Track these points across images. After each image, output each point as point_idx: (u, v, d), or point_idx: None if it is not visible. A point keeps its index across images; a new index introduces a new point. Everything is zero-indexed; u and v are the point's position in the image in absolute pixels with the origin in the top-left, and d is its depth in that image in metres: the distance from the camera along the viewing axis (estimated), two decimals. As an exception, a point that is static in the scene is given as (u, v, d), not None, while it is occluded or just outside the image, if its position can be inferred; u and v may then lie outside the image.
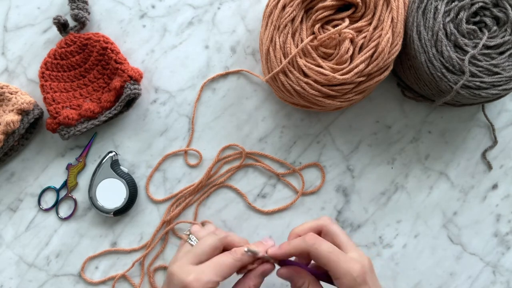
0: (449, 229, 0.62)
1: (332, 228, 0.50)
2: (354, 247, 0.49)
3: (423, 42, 0.53)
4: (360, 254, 0.48)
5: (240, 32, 0.64)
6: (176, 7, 0.64)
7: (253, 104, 0.63)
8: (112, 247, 0.62)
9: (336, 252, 0.47)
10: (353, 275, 0.45)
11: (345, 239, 0.49)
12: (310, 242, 0.47)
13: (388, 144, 0.63)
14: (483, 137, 0.63)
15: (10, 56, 0.64)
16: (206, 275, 0.46)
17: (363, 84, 0.55)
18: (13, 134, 0.60)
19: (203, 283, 0.46)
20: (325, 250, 0.47)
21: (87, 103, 0.61)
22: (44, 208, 0.63)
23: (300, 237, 0.49)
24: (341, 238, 0.49)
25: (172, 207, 0.62)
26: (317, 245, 0.47)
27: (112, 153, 0.62)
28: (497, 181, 0.63)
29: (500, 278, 0.62)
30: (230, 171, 0.63)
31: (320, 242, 0.47)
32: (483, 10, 0.55)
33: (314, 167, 0.63)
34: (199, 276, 0.46)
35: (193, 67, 0.64)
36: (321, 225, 0.51)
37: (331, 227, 0.50)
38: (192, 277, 0.46)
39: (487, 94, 0.53)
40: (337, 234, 0.50)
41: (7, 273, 0.62)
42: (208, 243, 0.50)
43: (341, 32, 0.54)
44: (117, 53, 0.61)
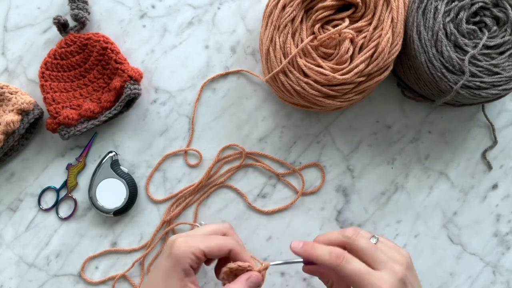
0: (449, 229, 0.62)
1: (358, 245, 0.47)
2: (385, 261, 0.45)
3: (423, 42, 0.53)
4: (391, 271, 0.44)
5: (240, 32, 0.64)
6: (176, 7, 0.64)
7: (253, 104, 0.63)
8: (112, 247, 0.62)
9: (362, 274, 0.44)
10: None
11: (372, 256, 0.46)
12: (335, 261, 0.45)
13: (388, 144, 0.63)
14: (483, 137, 0.63)
15: (10, 56, 0.64)
16: (194, 241, 0.48)
17: (363, 84, 0.55)
18: (13, 134, 0.60)
19: (188, 246, 0.47)
20: (350, 271, 0.44)
21: (87, 103, 0.61)
22: (44, 208, 0.63)
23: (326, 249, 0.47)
24: (367, 256, 0.46)
25: (172, 207, 0.62)
26: (342, 266, 0.45)
27: (112, 153, 0.62)
28: (497, 181, 0.63)
29: (500, 278, 0.62)
30: (230, 171, 0.63)
31: (345, 262, 0.45)
32: (483, 10, 0.55)
33: (314, 167, 0.63)
34: (187, 239, 0.48)
35: (193, 67, 0.64)
36: (346, 241, 0.48)
37: (357, 244, 0.47)
38: (181, 238, 0.48)
39: (487, 94, 0.53)
40: (363, 251, 0.46)
41: (7, 273, 0.62)
42: (211, 225, 0.53)
43: (341, 32, 0.54)
44: (117, 53, 0.61)
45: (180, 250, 0.47)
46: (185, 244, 0.47)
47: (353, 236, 0.48)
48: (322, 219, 0.62)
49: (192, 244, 0.48)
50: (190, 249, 0.47)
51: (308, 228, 0.62)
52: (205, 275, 0.62)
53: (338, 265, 0.45)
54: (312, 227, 0.62)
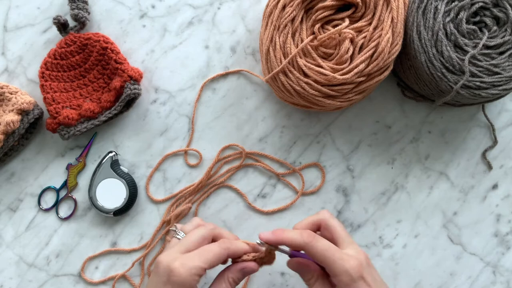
0: (449, 229, 0.62)
1: (330, 223, 0.50)
2: (351, 243, 0.49)
3: (423, 42, 0.53)
4: (356, 250, 0.48)
5: (240, 32, 0.64)
6: (176, 7, 0.64)
7: (253, 104, 0.63)
8: (112, 247, 0.62)
9: (331, 250, 0.46)
10: (349, 271, 0.45)
11: (342, 234, 0.49)
12: (306, 239, 0.47)
13: (388, 144, 0.63)
14: (483, 137, 0.63)
15: (10, 56, 0.64)
16: (192, 261, 0.46)
17: (363, 84, 0.55)
18: (13, 134, 0.60)
19: (188, 268, 0.45)
20: (321, 249, 0.46)
21: (87, 103, 0.61)
22: (44, 208, 0.63)
23: (297, 231, 0.49)
24: (339, 233, 0.49)
25: (172, 207, 0.62)
26: (312, 243, 0.47)
27: (112, 153, 0.62)
28: (497, 181, 0.63)
29: (500, 278, 0.62)
30: (230, 171, 0.63)
31: (316, 240, 0.47)
32: (483, 10, 0.55)
33: (314, 167, 0.63)
34: (185, 261, 0.46)
35: (193, 67, 0.64)
36: (320, 220, 0.51)
37: (329, 222, 0.50)
38: (178, 263, 0.46)
39: (487, 94, 0.53)
40: (335, 228, 0.50)
41: (7, 273, 0.62)
42: (197, 234, 0.50)
43: (341, 32, 0.54)
44: (117, 53, 0.61)
45: (181, 276, 0.45)
46: (184, 268, 0.45)
47: (328, 215, 0.51)
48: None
49: (192, 265, 0.46)
50: (191, 271, 0.45)
51: (308, 228, 0.62)
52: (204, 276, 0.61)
53: (309, 243, 0.47)
54: (312, 227, 0.62)
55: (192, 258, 0.47)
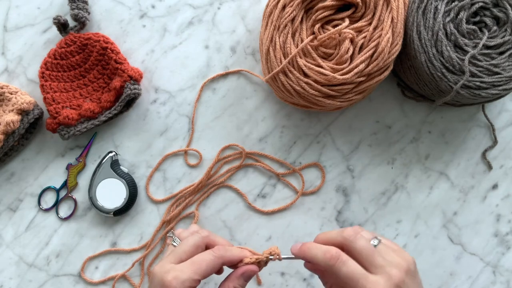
0: (449, 229, 0.62)
1: (355, 247, 0.45)
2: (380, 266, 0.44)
3: (423, 42, 0.53)
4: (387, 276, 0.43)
5: (240, 32, 0.64)
6: (176, 7, 0.64)
7: (253, 104, 0.63)
8: (112, 247, 0.62)
9: (356, 276, 0.43)
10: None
11: (369, 259, 0.44)
12: (329, 262, 0.44)
13: (388, 144, 0.63)
14: (483, 137, 0.63)
15: (10, 56, 0.64)
16: (185, 273, 0.45)
17: (363, 84, 0.55)
18: (13, 134, 0.60)
19: (181, 281, 0.45)
20: (344, 273, 0.43)
21: (87, 103, 0.61)
22: (44, 208, 0.63)
23: (322, 249, 0.46)
24: (364, 258, 0.44)
25: (172, 207, 0.62)
26: (336, 267, 0.44)
27: (112, 153, 0.62)
28: (497, 181, 0.63)
29: (500, 278, 0.62)
30: (230, 171, 0.63)
31: (339, 264, 0.44)
32: (483, 10, 0.55)
33: (314, 167, 0.63)
34: (177, 274, 0.45)
35: (193, 67, 0.64)
36: (343, 242, 0.46)
37: (354, 245, 0.45)
38: (171, 276, 0.45)
39: (487, 94, 0.53)
40: (360, 253, 0.45)
41: (7, 273, 0.62)
42: (189, 242, 0.49)
43: (341, 32, 0.54)
44: (117, 53, 0.61)
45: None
46: (177, 281, 0.45)
47: (350, 238, 0.46)
48: (322, 219, 0.62)
49: (185, 277, 0.45)
50: (184, 284, 0.45)
51: (308, 228, 0.62)
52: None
53: (333, 266, 0.44)
54: (312, 227, 0.62)
55: (184, 270, 0.46)
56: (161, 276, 0.46)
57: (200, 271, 0.46)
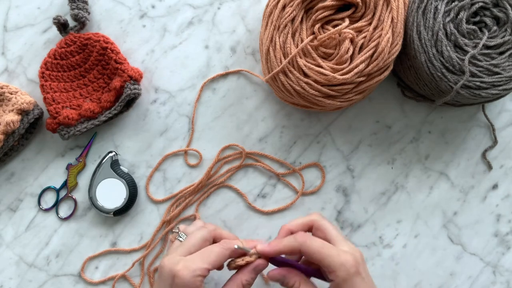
0: (449, 229, 0.62)
1: (322, 223, 0.51)
2: (344, 241, 0.49)
3: (423, 42, 0.53)
4: (351, 247, 0.49)
5: (240, 32, 0.64)
6: (176, 7, 0.64)
7: (253, 104, 0.63)
8: (112, 247, 0.62)
9: (327, 247, 0.47)
10: (346, 266, 0.46)
11: (335, 233, 0.50)
12: (300, 240, 0.48)
13: (388, 144, 0.63)
14: (483, 137, 0.63)
15: (10, 56, 0.64)
16: (194, 263, 0.47)
17: (363, 84, 0.55)
18: (13, 134, 0.60)
19: (191, 270, 0.46)
20: (317, 246, 0.47)
21: (87, 103, 0.61)
22: (44, 208, 0.63)
23: (291, 236, 0.50)
24: (332, 233, 0.50)
25: (172, 207, 0.62)
26: (308, 243, 0.48)
27: (112, 153, 0.62)
28: (497, 181, 0.63)
29: (500, 278, 0.62)
30: (230, 171, 0.63)
31: (310, 239, 0.48)
32: (483, 10, 0.55)
33: (314, 167, 0.63)
34: (187, 264, 0.47)
35: (193, 67, 0.64)
36: (312, 221, 0.52)
37: (321, 222, 0.51)
38: (181, 265, 0.47)
39: (487, 94, 0.53)
40: (327, 228, 0.50)
41: (7, 273, 0.62)
42: (197, 236, 0.51)
43: (341, 32, 0.54)
44: (117, 53, 0.61)
45: (185, 279, 0.46)
46: (187, 271, 0.46)
47: (319, 216, 0.52)
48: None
49: (195, 267, 0.46)
50: (194, 273, 0.46)
51: (308, 228, 0.62)
52: (205, 275, 0.62)
53: (304, 243, 0.48)
54: (312, 227, 0.62)
55: (194, 260, 0.47)
56: (171, 267, 0.47)
57: (210, 260, 0.47)
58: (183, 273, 0.46)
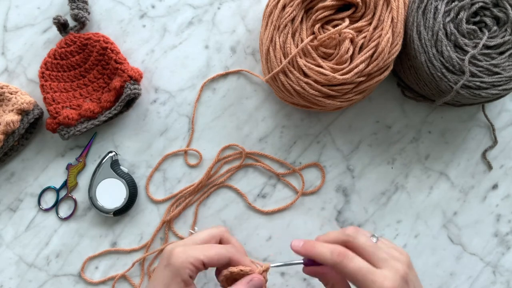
0: (449, 229, 0.62)
1: (359, 243, 0.46)
2: (387, 260, 0.45)
3: (423, 42, 0.53)
4: (393, 269, 0.44)
5: (240, 32, 0.64)
6: (176, 7, 0.64)
7: (253, 104, 0.63)
8: (112, 247, 0.62)
9: (363, 271, 0.44)
10: None
11: (373, 253, 0.45)
12: (336, 258, 0.45)
13: (388, 144, 0.63)
14: (483, 137, 0.63)
15: (10, 56, 0.64)
16: (193, 251, 0.47)
17: (363, 84, 0.55)
18: (13, 134, 0.60)
19: (187, 255, 0.47)
20: (352, 269, 0.44)
21: (87, 103, 0.61)
22: (44, 208, 0.63)
23: (327, 247, 0.46)
24: (368, 253, 0.45)
25: (172, 207, 0.62)
26: (343, 263, 0.44)
27: (112, 153, 0.62)
28: (497, 181, 0.63)
29: (500, 278, 0.62)
30: (230, 171, 0.63)
31: (347, 260, 0.45)
32: (483, 10, 0.55)
33: (314, 167, 0.63)
34: (186, 249, 0.48)
35: (193, 67, 0.64)
36: (346, 239, 0.47)
37: (357, 242, 0.46)
38: (180, 248, 0.48)
39: (487, 94, 0.53)
40: (364, 249, 0.46)
41: (7, 273, 0.62)
42: (206, 231, 0.51)
43: (341, 32, 0.54)
44: (117, 53, 0.61)
45: (179, 260, 0.46)
46: (184, 254, 0.47)
47: (353, 234, 0.47)
48: (322, 219, 0.62)
49: (191, 254, 0.47)
50: (189, 259, 0.46)
51: (308, 228, 0.62)
52: (205, 275, 0.62)
53: (340, 263, 0.45)
54: (312, 227, 0.62)
55: (194, 249, 0.48)
56: (171, 248, 0.48)
57: (208, 254, 0.47)
58: (179, 255, 0.47)
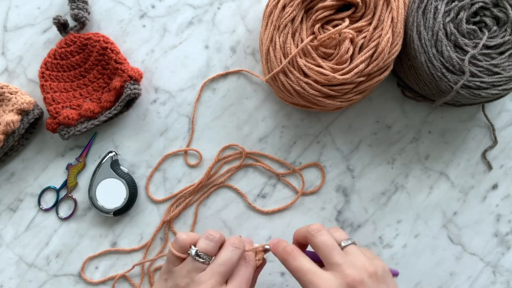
0: (449, 229, 0.62)
1: (316, 241, 0.46)
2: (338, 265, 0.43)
3: (423, 42, 0.53)
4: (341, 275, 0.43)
5: (240, 32, 0.64)
6: (176, 7, 0.64)
7: (253, 104, 0.63)
8: (112, 247, 0.62)
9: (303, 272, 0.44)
10: None
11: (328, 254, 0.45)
12: (283, 255, 0.47)
13: (388, 144, 0.63)
14: (483, 137, 0.63)
15: (10, 56, 0.64)
16: None
17: (363, 84, 0.55)
18: (13, 134, 0.60)
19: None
20: (295, 267, 0.45)
21: (87, 103, 0.61)
22: (44, 208, 0.63)
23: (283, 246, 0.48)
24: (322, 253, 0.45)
25: (172, 207, 0.62)
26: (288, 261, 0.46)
27: (112, 153, 0.62)
28: (497, 181, 0.63)
29: (500, 278, 0.62)
30: (230, 171, 0.63)
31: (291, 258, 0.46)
32: (483, 10, 0.55)
33: (314, 167, 0.63)
34: None
35: (193, 67, 0.64)
36: (306, 235, 0.48)
37: (315, 239, 0.46)
38: None
39: (487, 94, 0.53)
40: (319, 248, 0.46)
41: (7, 273, 0.62)
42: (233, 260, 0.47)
43: (341, 32, 0.54)
44: (117, 53, 0.61)
45: None
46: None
47: (312, 232, 0.47)
48: (322, 219, 0.62)
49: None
50: None
51: (308, 228, 0.62)
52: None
53: (284, 260, 0.47)
54: (312, 227, 0.62)
55: None
56: None
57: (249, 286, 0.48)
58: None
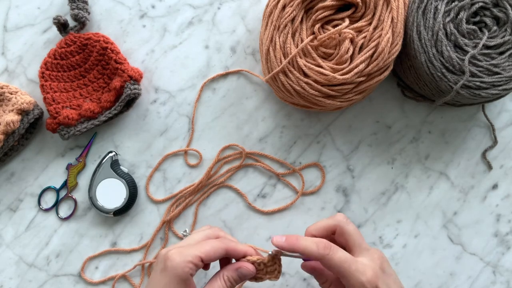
0: (449, 229, 0.62)
1: (346, 229, 0.50)
2: (366, 249, 0.49)
3: (423, 42, 0.53)
4: (372, 257, 0.48)
5: (240, 32, 0.64)
6: (176, 7, 0.64)
7: (253, 104, 0.63)
8: (112, 247, 0.62)
9: (348, 262, 0.46)
10: (364, 284, 0.45)
11: (357, 241, 0.49)
12: (322, 251, 0.47)
13: (388, 144, 0.63)
14: (483, 137, 0.63)
15: (10, 56, 0.64)
16: (188, 250, 0.47)
17: (363, 84, 0.55)
18: (13, 134, 0.60)
19: (184, 255, 0.46)
20: (337, 261, 0.46)
21: (87, 103, 0.61)
22: (44, 208, 0.63)
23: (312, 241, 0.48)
24: (354, 240, 0.49)
25: (172, 207, 0.62)
26: (329, 256, 0.46)
27: (112, 153, 0.62)
28: (497, 181, 0.63)
29: (500, 278, 0.62)
30: (230, 171, 0.63)
31: (332, 253, 0.47)
32: (483, 10, 0.55)
33: (314, 167, 0.63)
34: (181, 249, 0.47)
35: (193, 67, 0.64)
36: (336, 225, 0.51)
37: (344, 228, 0.50)
38: (175, 250, 0.47)
39: (487, 94, 0.53)
40: (350, 236, 0.50)
41: (7, 273, 0.62)
42: (200, 233, 0.51)
43: (341, 32, 0.54)
44: (117, 53, 0.61)
45: (175, 261, 0.46)
46: (180, 255, 0.46)
47: (344, 220, 0.51)
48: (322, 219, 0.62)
49: (188, 253, 0.46)
50: (187, 258, 0.46)
51: (308, 228, 0.62)
52: (205, 275, 0.62)
53: (327, 255, 0.46)
54: (312, 227, 0.62)
55: (189, 248, 0.47)
56: (166, 252, 0.47)
57: (204, 250, 0.47)
58: (175, 257, 0.46)
